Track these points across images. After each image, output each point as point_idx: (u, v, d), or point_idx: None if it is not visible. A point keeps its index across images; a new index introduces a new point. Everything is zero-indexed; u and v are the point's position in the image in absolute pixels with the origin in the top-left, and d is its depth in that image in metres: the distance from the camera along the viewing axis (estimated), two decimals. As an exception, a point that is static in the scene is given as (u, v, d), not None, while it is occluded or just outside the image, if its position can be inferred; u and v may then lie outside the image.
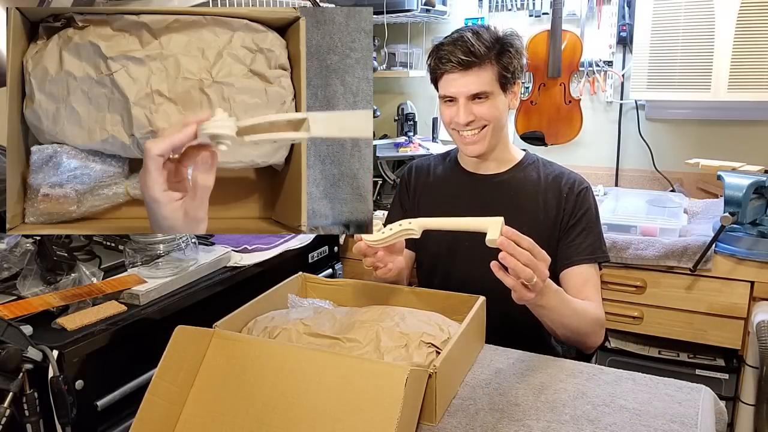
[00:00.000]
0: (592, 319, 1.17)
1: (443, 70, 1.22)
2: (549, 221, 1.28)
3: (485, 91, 1.21)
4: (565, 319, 1.11)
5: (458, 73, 1.20)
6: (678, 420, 0.89)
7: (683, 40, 1.90)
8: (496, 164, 1.33)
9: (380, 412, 0.77)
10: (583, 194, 1.28)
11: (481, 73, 1.20)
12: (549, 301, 1.05)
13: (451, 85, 1.22)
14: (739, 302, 1.66)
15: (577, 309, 1.12)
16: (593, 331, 1.19)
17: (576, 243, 1.26)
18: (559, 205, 1.28)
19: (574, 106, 2.27)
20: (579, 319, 1.13)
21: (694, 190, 2.20)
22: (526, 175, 1.32)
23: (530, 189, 1.30)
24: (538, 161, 1.35)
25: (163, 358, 0.88)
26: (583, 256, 1.25)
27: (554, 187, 1.29)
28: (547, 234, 1.27)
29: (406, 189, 1.45)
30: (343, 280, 1.27)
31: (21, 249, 1.30)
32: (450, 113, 1.25)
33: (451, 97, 1.24)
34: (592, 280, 1.24)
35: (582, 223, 1.27)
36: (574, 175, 1.32)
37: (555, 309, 1.07)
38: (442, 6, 2.41)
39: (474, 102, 1.22)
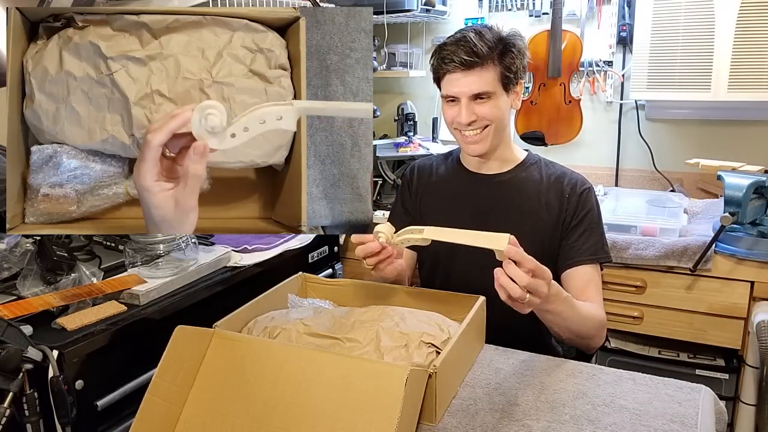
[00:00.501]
0: (596, 322, 1.18)
1: (446, 69, 1.22)
2: (551, 221, 1.27)
3: (487, 91, 1.21)
4: (572, 324, 1.11)
5: (460, 73, 1.20)
6: (678, 420, 0.89)
7: (683, 40, 1.90)
8: (498, 164, 1.33)
9: (380, 412, 0.77)
10: (586, 195, 1.28)
11: (483, 73, 1.20)
12: (556, 307, 1.05)
13: (453, 85, 1.22)
14: (739, 302, 1.66)
15: (582, 314, 1.13)
16: (596, 334, 1.19)
17: (578, 244, 1.26)
18: (561, 205, 1.28)
19: (574, 106, 2.27)
20: (585, 323, 1.14)
21: (694, 190, 2.20)
22: (529, 175, 1.32)
23: (532, 189, 1.30)
24: (540, 161, 1.35)
25: (163, 358, 0.88)
26: (584, 257, 1.25)
27: (556, 188, 1.29)
28: (549, 234, 1.27)
29: (408, 189, 1.45)
30: (343, 280, 1.27)
31: (21, 249, 1.30)
32: (452, 113, 1.25)
33: (453, 97, 1.24)
34: (594, 281, 1.25)
35: (584, 224, 1.27)
36: (577, 176, 1.32)
37: (562, 314, 1.07)
38: (442, 6, 2.41)
39: (476, 102, 1.22)
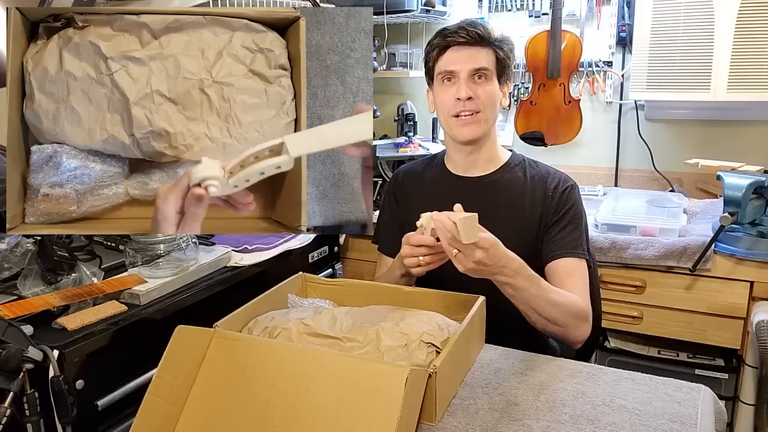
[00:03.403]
0: (571, 310, 1.15)
1: (449, 43, 1.24)
2: (534, 219, 1.28)
3: (487, 68, 1.23)
4: (537, 305, 1.10)
5: (465, 46, 1.23)
6: (677, 420, 0.89)
7: (683, 40, 1.90)
8: (484, 164, 1.33)
9: (380, 412, 0.77)
10: (568, 192, 1.29)
11: (485, 51, 1.24)
12: (516, 282, 1.06)
13: (455, 60, 1.24)
14: (738, 302, 1.66)
15: (551, 298, 1.12)
16: (573, 324, 1.16)
17: (559, 238, 1.26)
18: (544, 203, 1.28)
19: (574, 106, 2.27)
20: (555, 308, 1.12)
21: (694, 190, 2.20)
22: (513, 176, 1.33)
23: (517, 189, 1.31)
24: (524, 161, 1.36)
25: (164, 358, 0.88)
26: (565, 250, 1.25)
27: (540, 187, 1.30)
28: (534, 233, 1.28)
29: (394, 197, 1.44)
30: (343, 280, 1.27)
31: (21, 249, 1.30)
32: (450, 92, 1.25)
33: (451, 74, 1.25)
34: (577, 273, 1.24)
35: (565, 219, 1.27)
36: (560, 174, 1.32)
37: (525, 292, 1.08)
38: (442, 6, 2.41)
39: (474, 81, 1.24)
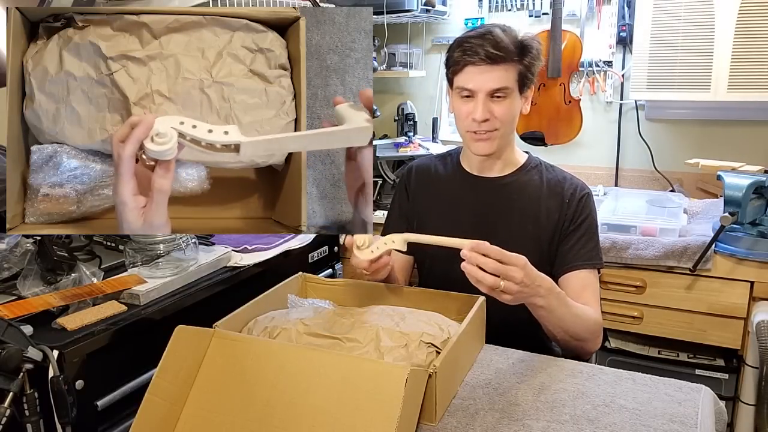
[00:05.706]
0: (591, 324, 1.17)
1: (468, 62, 1.18)
2: (550, 225, 1.27)
3: (507, 87, 1.18)
4: (566, 322, 1.11)
5: (484, 66, 1.17)
6: (678, 420, 0.89)
7: (683, 40, 1.90)
8: (500, 167, 1.32)
9: (380, 412, 0.77)
10: (585, 200, 1.28)
11: (505, 69, 1.18)
12: (549, 302, 1.05)
13: (472, 78, 1.18)
14: (738, 302, 1.66)
15: (577, 313, 1.12)
16: (590, 338, 1.18)
17: (575, 248, 1.26)
18: (560, 209, 1.27)
19: (574, 106, 2.27)
20: (579, 323, 1.13)
21: (694, 190, 2.20)
22: (529, 179, 1.32)
23: (533, 193, 1.30)
24: (541, 165, 1.35)
25: (163, 358, 0.88)
26: (581, 262, 1.25)
27: (557, 192, 1.29)
28: (548, 238, 1.27)
29: (405, 190, 1.43)
30: (343, 280, 1.27)
31: (21, 249, 1.30)
32: (467, 109, 1.21)
33: (469, 92, 1.20)
34: (591, 286, 1.24)
35: (582, 229, 1.27)
36: (576, 181, 1.32)
37: (555, 311, 1.07)
38: (442, 6, 2.41)
39: (492, 100, 1.19)
